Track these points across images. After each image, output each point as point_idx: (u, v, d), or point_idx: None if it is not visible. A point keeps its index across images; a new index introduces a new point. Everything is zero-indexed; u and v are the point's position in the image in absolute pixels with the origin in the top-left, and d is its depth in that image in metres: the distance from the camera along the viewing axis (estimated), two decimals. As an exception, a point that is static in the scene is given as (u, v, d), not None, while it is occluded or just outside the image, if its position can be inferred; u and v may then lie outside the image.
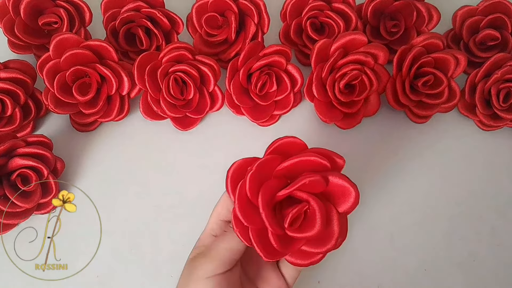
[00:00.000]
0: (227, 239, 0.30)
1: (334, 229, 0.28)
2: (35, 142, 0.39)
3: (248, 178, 0.28)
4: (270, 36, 0.47)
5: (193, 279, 0.29)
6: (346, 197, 0.29)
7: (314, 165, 0.29)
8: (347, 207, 0.29)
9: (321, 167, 0.29)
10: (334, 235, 0.28)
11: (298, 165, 0.29)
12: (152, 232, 0.41)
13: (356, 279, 0.39)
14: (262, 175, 0.29)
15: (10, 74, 0.41)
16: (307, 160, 0.29)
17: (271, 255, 0.28)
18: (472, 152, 0.45)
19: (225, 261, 0.29)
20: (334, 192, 0.29)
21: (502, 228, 0.41)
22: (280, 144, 0.30)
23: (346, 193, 0.28)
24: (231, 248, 0.29)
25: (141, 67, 0.41)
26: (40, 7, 0.44)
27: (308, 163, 0.29)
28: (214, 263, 0.29)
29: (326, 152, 0.30)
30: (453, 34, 0.49)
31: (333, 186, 0.29)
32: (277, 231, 0.28)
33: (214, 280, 0.28)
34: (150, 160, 0.44)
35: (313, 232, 0.28)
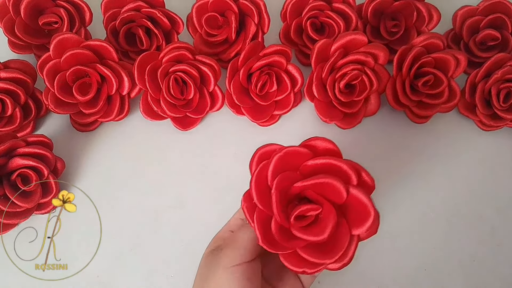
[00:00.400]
0: (248, 229, 0.30)
1: (340, 246, 0.26)
2: (35, 142, 0.39)
3: (273, 159, 0.27)
4: (270, 36, 0.47)
5: (217, 269, 0.28)
6: (363, 218, 0.27)
7: (341, 173, 0.28)
8: (362, 230, 0.27)
9: (347, 178, 0.28)
10: (337, 252, 0.26)
11: (325, 166, 0.28)
12: (152, 232, 0.41)
13: (356, 279, 0.39)
14: (287, 163, 0.28)
15: (10, 74, 0.41)
16: (335, 165, 0.28)
17: (268, 242, 0.27)
18: (472, 152, 0.45)
19: (250, 249, 0.29)
20: (352, 208, 0.27)
21: (502, 228, 0.41)
22: (315, 144, 0.29)
23: (364, 214, 0.26)
24: (253, 237, 0.29)
25: (141, 67, 0.41)
26: (40, 7, 0.44)
27: (335, 168, 0.28)
28: (239, 251, 0.28)
29: (357, 167, 0.29)
30: (453, 34, 0.49)
31: (352, 200, 0.27)
32: (282, 220, 0.27)
33: (240, 268, 0.28)
34: (150, 160, 0.44)
35: (317, 239, 0.26)
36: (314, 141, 0.29)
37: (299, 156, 0.28)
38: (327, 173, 0.28)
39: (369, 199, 0.27)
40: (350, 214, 0.28)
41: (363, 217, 0.27)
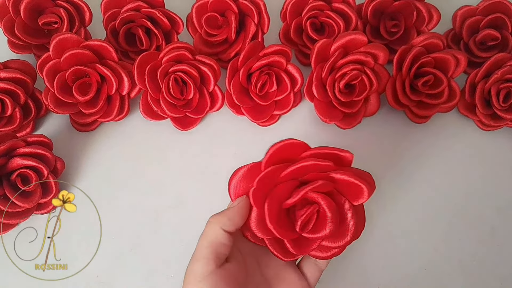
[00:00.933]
0: (205, 234, 0.28)
1: (349, 223, 0.29)
2: (35, 142, 0.39)
3: (251, 195, 0.28)
4: (270, 36, 0.47)
5: (190, 285, 0.28)
6: (358, 191, 0.29)
7: (317, 168, 0.29)
8: (362, 199, 0.29)
9: (325, 168, 0.29)
10: (349, 230, 0.29)
11: (300, 170, 0.29)
12: (152, 232, 0.41)
13: (356, 279, 0.39)
14: (265, 187, 0.29)
15: (10, 74, 0.41)
16: (308, 165, 0.29)
17: (290, 256, 0.29)
18: (472, 152, 0.45)
19: (210, 257, 0.27)
20: (345, 187, 0.29)
21: (502, 228, 0.41)
22: (278, 148, 0.29)
23: (357, 188, 0.29)
24: (212, 241, 0.28)
25: (141, 67, 0.41)
26: (40, 7, 0.44)
27: (310, 167, 0.29)
28: (199, 263, 0.27)
29: (330, 151, 0.30)
30: (453, 34, 0.49)
31: (341, 183, 0.29)
32: (291, 236, 0.28)
33: (206, 281, 0.27)
34: (150, 160, 0.44)
35: (326, 232, 0.28)
36: (276, 147, 0.29)
37: (271, 175, 0.29)
38: (306, 172, 0.29)
39: (351, 175, 0.28)
40: (345, 189, 0.29)
41: (357, 190, 0.29)
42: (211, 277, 0.27)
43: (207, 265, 0.27)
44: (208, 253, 0.27)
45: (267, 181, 0.29)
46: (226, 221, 0.28)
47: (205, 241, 0.28)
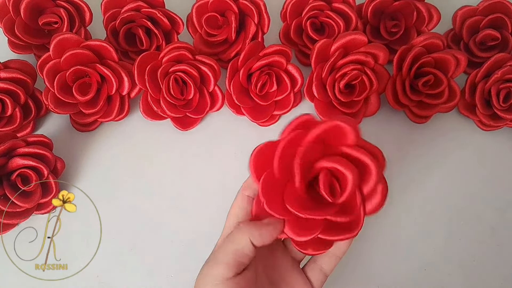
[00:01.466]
0: (233, 240, 0.28)
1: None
2: (35, 142, 0.39)
3: (276, 155, 0.27)
4: (270, 36, 0.47)
5: (203, 286, 0.28)
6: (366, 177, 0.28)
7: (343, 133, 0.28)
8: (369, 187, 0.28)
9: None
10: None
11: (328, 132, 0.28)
12: (152, 232, 0.41)
13: (356, 279, 0.39)
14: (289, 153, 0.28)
15: (10, 74, 0.41)
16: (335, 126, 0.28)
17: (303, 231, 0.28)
18: (472, 152, 0.45)
19: (232, 264, 0.27)
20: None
21: (502, 228, 0.41)
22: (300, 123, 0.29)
23: (366, 172, 0.28)
24: (237, 250, 0.28)
25: (141, 67, 0.41)
26: (40, 7, 0.44)
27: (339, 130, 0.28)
28: (220, 267, 0.27)
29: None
30: (453, 34, 0.49)
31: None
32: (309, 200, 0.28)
33: (224, 286, 0.27)
34: (150, 160, 0.44)
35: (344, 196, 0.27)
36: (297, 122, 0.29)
37: (296, 141, 0.28)
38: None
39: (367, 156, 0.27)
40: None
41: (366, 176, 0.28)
42: (228, 283, 0.27)
43: (227, 270, 0.27)
44: (231, 259, 0.27)
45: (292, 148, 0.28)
46: (257, 236, 0.28)
47: (231, 247, 0.28)
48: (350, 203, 0.28)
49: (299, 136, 0.28)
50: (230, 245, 0.28)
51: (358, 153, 0.28)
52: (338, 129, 0.28)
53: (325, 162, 0.28)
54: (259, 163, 0.28)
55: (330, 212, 0.28)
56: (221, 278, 0.27)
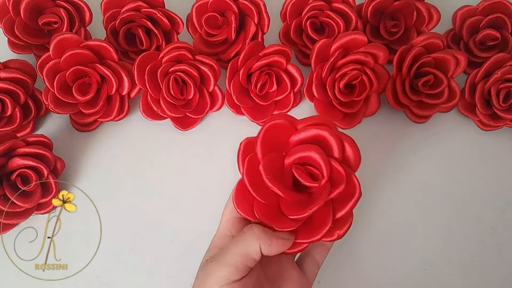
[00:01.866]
0: (244, 243, 0.28)
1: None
2: (35, 142, 0.39)
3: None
4: (270, 36, 0.47)
5: (207, 286, 0.27)
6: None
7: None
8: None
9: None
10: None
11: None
12: (152, 232, 0.41)
13: (356, 279, 0.39)
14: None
15: (10, 74, 0.41)
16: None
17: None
18: (472, 152, 0.45)
19: (240, 267, 0.27)
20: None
21: (502, 228, 0.41)
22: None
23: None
24: (246, 254, 0.27)
25: (141, 67, 0.41)
26: (40, 7, 0.44)
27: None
28: (227, 269, 0.27)
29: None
30: (453, 34, 0.49)
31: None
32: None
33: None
34: (150, 160, 0.44)
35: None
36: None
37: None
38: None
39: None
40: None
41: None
42: (234, 285, 0.27)
43: (234, 273, 0.27)
44: (239, 262, 0.27)
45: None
46: (267, 245, 0.28)
47: (241, 250, 0.28)
48: (335, 174, 0.29)
49: (253, 158, 0.29)
50: (240, 248, 0.28)
51: (306, 133, 0.29)
52: (276, 128, 0.30)
53: (288, 160, 0.30)
54: (242, 200, 0.30)
55: (324, 197, 0.28)
56: (227, 280, 0.27)
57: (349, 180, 0.29)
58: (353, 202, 0.29)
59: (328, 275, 0.39)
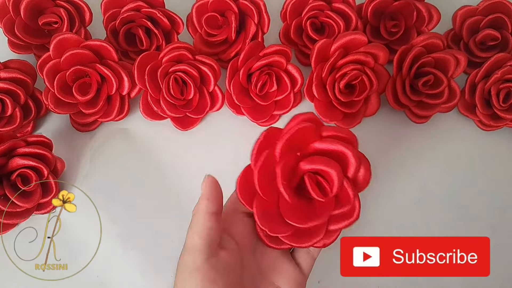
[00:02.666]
0: (191, 225, 0.28)
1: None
2: (35, 142, 0.39)
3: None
4: (270, 36, 0.47)
5: (180, 279, 0.27)
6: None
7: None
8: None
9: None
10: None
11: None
12: (152, 232, 0.41)
13: (356, 279, 0.39)
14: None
15: (10, 74, 0.41)
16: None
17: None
18: (472, 152, 0.45)
19: (201, 246, 0.27)
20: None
21: (502, 228, 0.41)
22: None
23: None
24: (198, 230, 0.27)
25: (141, 67, 0.41)
26: (40, 7, 0.44)
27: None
28: (191, 253, 0.27)
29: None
30: (453, 34, 0.49)
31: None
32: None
33: (199, 271, 0.26)
34: (150, 160, 0.44)
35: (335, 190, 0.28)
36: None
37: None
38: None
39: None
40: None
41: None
42: (203, 266, 0.26)
43: (199, 254, 0.26)
44: (198, 241, 0.27)
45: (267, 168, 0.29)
46: (208, 203, 0.28)
47: (193, 230, 0.28)
48: (342, 193, 0.29)
49: (270, 155, 0.29)
50: (192, 230, 0.28)
51: (330, 145, 0.29)
52: (303, 132, 0.29)
53: (305, 166, 0.29)
54: (245, 188, 0.30)
55: (328, 214, 0.29)
56: (194, 264, 0.26)
57: (353, 205, 0.29)
58: (348, 223, 0.29)
59: (328, 275, 0.39)
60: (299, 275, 0.31)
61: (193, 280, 0.26)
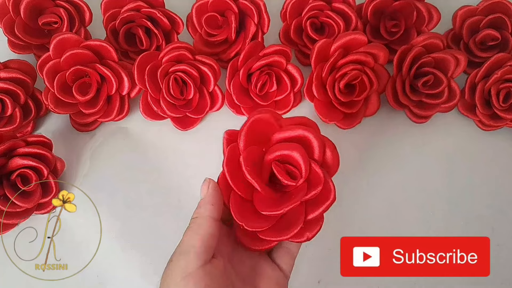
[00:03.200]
0: (190, 228, 0.28)
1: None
2: (35, 142, 0.39)
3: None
4: (270, 36, 0.47)
5: (170, 283, 0.26)
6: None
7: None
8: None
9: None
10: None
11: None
12: (152, 232, 0.41)
13: (356, 279, 0.39)
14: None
15: (10, 74, 0.41)
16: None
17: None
18: (472, 152, 0.45)
19: (200, 251, 0.26)
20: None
21: (502, 228, 0.41)
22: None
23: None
24: (199, 234, 0.27)
25: (141, 67, 0.41)
26: (40, 7, 0.44)
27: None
28: (188, 256, 0.26)
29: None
30: (453, 34, 0.49)
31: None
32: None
33: (192, 278, 0.25)
34: (150, 160, 0.44)
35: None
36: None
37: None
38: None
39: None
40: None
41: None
42: (198, 272, 0.25)
43: (196, 259, 0.26)
44: (198, 245, 0.26)
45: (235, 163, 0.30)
46: (212, 209, 0.28)
47: (193, 234, 0.27)
48: (313, 176, 0.29)
49: (234, 149, 0.30)
50: (191, 233, 0.27)
51: (290, 132, 0.30)
52: (261, 123, 0.30)
53: (269, 156, 0.30)
54: (225, 186, 0.30)
55: (301, 197, 0.29)
56: (190, 269, 0.25)
57: (325, 183, 0.29)
58: (326, 206, 0.29)
59: (328, 275, 0.39)
60: (280, 276, 0.31)
61: (185, 286, 0.25)
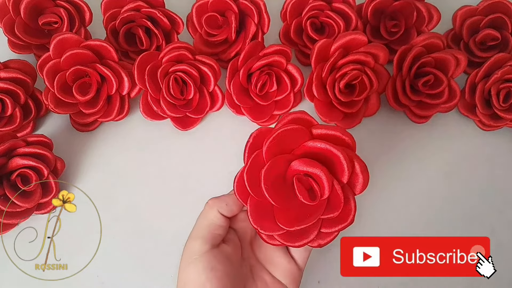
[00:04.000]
0: (206, 214, 0.31)
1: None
2: (35, 142, 0.39)
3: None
4: (270, 36, 0.47)
5: (184, 263, 0.30)
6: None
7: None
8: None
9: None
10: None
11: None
12: (152, 232, 0.41)
13: (356, 279, 0.39)
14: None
15: (10, 74, 0.41)
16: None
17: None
18: (472, 152, 0.45)
19: (207, 237, 0.30)
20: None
21: (502, 228, 0.41)
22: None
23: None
24: (209, 222, 0.30)
25: (141, 67, 0.41)
26: (40, 7, 0.44)
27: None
28: (196, 241, 0.30)
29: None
30: (453, 34, 0.49)
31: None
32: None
33: (201, 259, 0.29)
34: (150, 160, 0.44)
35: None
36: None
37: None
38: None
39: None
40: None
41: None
42: (206, 255, 0.29)
43: (204, 244, 0.29)
44: (205, 233, 0.30)
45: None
46: (224, 206, 0.31)
47: (203, 222, 0.31)
48: (334, 197, 0.29)
49: (258, 157, 0.29)
50: (202, 221, 0.31)
51: (321, 145, 0.29)
52: (291, 133, 0.29)
53: (295, 167, 0.29)
54: (242, 187, 0.30)
55: (316, 217, 0.29)
56: (198, 252, 0.29)
57: (346, 204, 0.29)
58: (342, 226, 0.29)
59: (328, 275, 0.39)
60: (294, 268, 0.32)
61: (194, 267, 0.29)
